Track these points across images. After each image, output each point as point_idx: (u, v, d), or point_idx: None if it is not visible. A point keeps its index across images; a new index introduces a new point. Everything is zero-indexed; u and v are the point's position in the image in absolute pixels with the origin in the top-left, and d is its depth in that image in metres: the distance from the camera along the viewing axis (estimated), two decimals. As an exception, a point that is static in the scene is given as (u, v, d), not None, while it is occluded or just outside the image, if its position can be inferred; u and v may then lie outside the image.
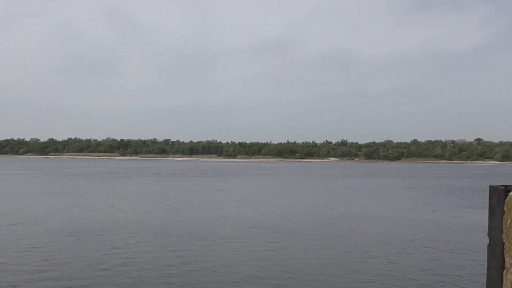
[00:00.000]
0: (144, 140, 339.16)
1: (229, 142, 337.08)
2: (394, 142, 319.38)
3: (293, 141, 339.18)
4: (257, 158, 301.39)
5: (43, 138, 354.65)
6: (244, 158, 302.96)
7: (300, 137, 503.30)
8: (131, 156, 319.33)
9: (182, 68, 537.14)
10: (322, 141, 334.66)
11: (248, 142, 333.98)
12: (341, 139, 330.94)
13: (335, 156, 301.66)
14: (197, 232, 22.34)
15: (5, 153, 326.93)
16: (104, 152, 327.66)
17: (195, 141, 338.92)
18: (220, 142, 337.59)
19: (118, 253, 17.55)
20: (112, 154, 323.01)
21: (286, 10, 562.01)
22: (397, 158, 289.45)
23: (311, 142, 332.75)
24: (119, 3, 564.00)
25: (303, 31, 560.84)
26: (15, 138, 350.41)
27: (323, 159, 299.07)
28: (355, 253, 18.30)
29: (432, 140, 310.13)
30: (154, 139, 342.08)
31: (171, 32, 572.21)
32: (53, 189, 47.54)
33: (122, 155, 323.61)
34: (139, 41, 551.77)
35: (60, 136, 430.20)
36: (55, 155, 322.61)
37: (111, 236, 20.93)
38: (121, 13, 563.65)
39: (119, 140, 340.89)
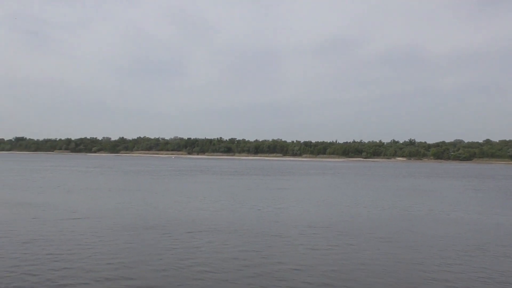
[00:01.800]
0: (210, 139, 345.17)
1: (295, 141, 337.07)
2: (465, 141, 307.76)
3: (359, 140, 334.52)
4: (323, 157, 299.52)
5: (114, 137, 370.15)
6: (309, 157, 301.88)
7: (366, 136, 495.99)
8: (197, 154, 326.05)
9: (247, 66, 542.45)
10: (389, 141, 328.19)
11: (313, 141, 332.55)
12: (409, 138, 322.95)
13: (402, 156, 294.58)
14: (256, 230, 22.36)
15: (79, 151, 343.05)
16: (172, 150, 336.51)
17: (260, 140, 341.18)
18: (285, 141, 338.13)
19: (181, 249, 17.81)
20: (179, 152, 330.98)
21: (350, 6, 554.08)
22: (468, 158, 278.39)
23: (378, 141, 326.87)
24: (183, 4, 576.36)
25: (368, 28, 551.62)
26: (88, 137, 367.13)
27: (390, 158, 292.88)
28: (415, 256, 17.68)
29: (507, 139, 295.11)
30: (220, 138, 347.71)
31: (234, 31, 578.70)
32: (120, 186, 49.20)
33: (189, 153, 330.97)
34: (204, 40, 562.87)
35: (130, 135, 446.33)
36: (125, 153, 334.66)
37: (173, 232, 21.34)
38: (186, 13, 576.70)
39: (186, 139, 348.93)
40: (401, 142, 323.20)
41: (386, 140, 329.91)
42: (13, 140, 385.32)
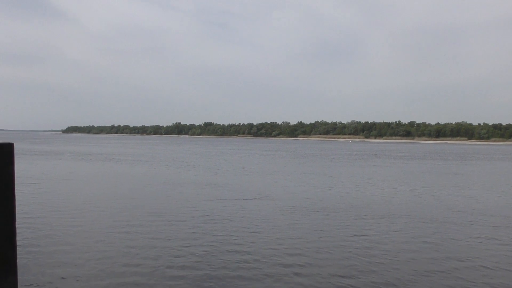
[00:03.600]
0: (389, 122, 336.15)
1: (482, 124, 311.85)
2: None
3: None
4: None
5: (293, 121, 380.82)
6: (499, 141, 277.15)
7: None
8: (375, 138, 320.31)
9: (426, 46, 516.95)
10: None
11: (504, 123, 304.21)
12: None
13: None
14: (429, 217, 21.15)
15: (260, 135, 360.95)
16: (349, 134, 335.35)
17: (442, 123, 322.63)
18: (470, 124, 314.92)
19: (352, 235, 17.49)
20: (356, 136, 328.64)
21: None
22: None
23: None
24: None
25: None
26: (268, 122, 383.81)
27: None
28: None
29: None
30: (399, 121, 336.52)
31: (412, 9, 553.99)
32: (295, 169, 50.52)
33: (366, 137, 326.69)
34: (383, 20, 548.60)
35: (308, 119, 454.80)
36: (303, 137, 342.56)
37: (344, 217, 21.05)
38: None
39: (363, 122, 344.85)
40: None
41: None
42: (203, 125, 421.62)
